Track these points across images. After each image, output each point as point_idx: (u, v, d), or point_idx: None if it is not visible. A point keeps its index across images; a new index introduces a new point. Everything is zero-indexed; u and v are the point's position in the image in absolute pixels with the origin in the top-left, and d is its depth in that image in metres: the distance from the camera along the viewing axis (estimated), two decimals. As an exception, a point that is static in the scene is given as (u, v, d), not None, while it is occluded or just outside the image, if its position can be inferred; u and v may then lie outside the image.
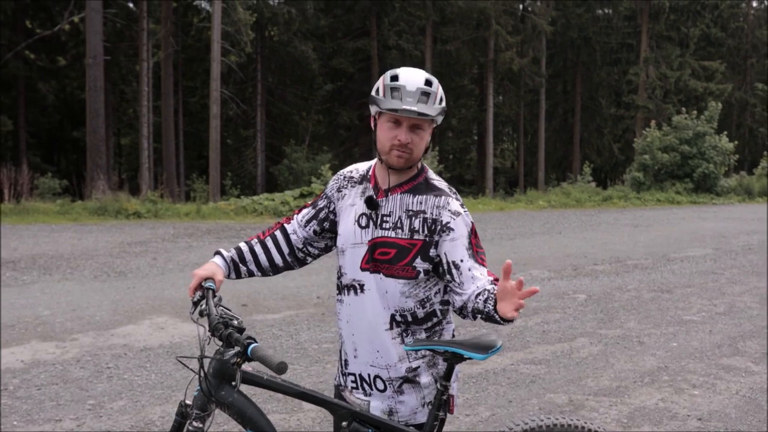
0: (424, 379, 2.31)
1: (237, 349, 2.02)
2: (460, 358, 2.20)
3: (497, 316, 2.06)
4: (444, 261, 2.23)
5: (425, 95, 2.16)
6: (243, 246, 2.51)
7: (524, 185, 38.17)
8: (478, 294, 2.15)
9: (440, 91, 2.21)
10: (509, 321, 2.05)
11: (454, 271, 2.22)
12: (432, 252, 2.24)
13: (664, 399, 5.00)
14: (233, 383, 2.10)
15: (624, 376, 5.49)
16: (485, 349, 2.19)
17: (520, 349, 6.18)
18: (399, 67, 2.29)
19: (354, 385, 2.38)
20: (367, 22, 35.80)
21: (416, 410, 2.33)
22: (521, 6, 39.79)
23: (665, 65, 37.84)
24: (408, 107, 2.12)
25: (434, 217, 2.23)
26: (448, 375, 2.24)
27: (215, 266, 2.39)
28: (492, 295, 2.10)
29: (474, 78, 41.59)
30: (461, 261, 2.20)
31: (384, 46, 35.30)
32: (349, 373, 2.39)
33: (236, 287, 7.88)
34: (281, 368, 1.89)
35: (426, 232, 2.23)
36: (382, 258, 2.26)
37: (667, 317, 7.51)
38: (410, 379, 2.30)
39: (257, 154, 33.87)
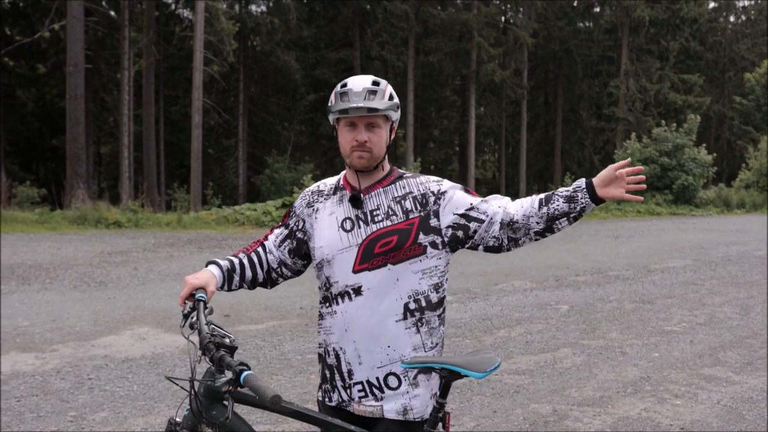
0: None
1: (229, 376, 1.95)
2: (458, 376, 2.17)
3: (589, 207, 2.23)
4: (459, 216, 2.30)
5: (372, 93, 2.25)
6: (234, 259, 2.49)
7: (505, 196, 38.31)
8: (542, 200, 2.28)
9: (389, 90, 2.31)
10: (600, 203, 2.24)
11: (473, 212, 2.30)
12: (433, 222, 2.29)
13: (647, 409, 5.03)
14: (225, 403, 2.03)
15: (607, 387, 5.51)
16: (483, 367, 2.16)
17: (504, 360, 6.19)
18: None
19: (362, 393, 2.33)
20: (350, 32, 35.91)
21: (427, 404, 2.31)
22: (503, 18, 40.10)
23: (645, 78, 38.30)
24: (356, 105, 2.22)
25: (422, 191, 2.33)
26: (444, 392, 2.20)
27: (209, 275, 2.33)
28: (576, 191, 2.24)
29: (456, 89, 41.84)
30: (472, 203, 2.31)
31: (367, 56, 35.40)
32: (355, 383, 2.34)
33: (219, 297, 7.82)
34: (275, 401, 1.80)
35: (419, 207, 2.30)
36: (386, 249, 2.27)
37: (648, 328, 7.56)
38: (425, 369, 2.27)
39: (239, 164, 33.77)
